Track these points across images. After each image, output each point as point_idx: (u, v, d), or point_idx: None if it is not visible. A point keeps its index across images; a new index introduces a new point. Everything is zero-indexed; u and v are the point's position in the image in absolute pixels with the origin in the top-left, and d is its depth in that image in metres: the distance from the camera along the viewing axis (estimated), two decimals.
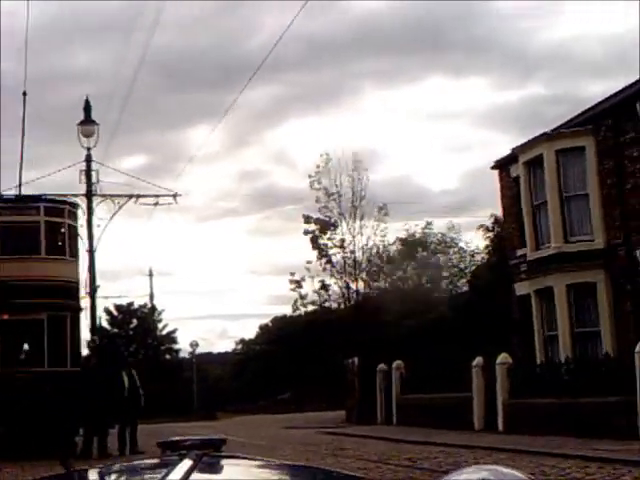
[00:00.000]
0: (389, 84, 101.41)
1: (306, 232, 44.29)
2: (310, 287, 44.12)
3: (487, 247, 48.06)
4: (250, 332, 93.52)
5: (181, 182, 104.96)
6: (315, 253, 44.02)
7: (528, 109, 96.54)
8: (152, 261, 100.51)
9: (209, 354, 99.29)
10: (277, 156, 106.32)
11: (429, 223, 47.22)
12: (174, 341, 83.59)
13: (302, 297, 44.19)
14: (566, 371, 26.77)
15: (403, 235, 47.13)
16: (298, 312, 44.68)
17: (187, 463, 2.61)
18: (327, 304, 44.71)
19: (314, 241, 43.90)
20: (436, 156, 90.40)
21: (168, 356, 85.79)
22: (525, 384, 27.57)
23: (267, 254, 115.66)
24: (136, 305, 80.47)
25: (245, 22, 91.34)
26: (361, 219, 43.52)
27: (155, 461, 3.08)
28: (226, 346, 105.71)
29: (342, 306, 44.18)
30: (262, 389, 79.68)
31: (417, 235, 47.24)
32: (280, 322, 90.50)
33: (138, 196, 38.86)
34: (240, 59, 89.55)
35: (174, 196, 39.05)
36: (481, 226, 47.67)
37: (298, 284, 44.18)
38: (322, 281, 44.01)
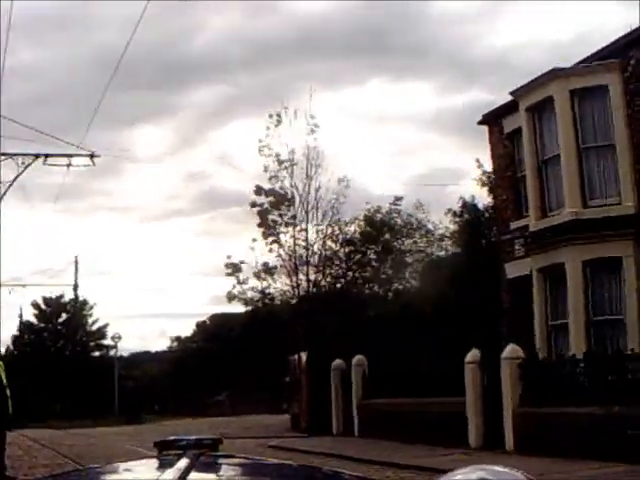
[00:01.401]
0: (332, 86, 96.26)
1: (254, 204, 35.57)
2: (252, 273, 35.38)
3: (454, 233, 40.05)
4: (189, 331, 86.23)
5: (125, 182, 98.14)
6: (260, 231, 35.34)
7: (472, 114, 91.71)
8: (80, 251, 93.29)
9: (147, 353, 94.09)
10: (222, 157, 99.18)
11: (398, 199, 38.72)
12: (104, 337, 74.55)
13: (240, 282, 35.48)
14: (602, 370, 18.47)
15: (366, 214, 38.51)
16: (235, 301, 35.74)
17: (184, 462, 2.55)
18: (271, 292, 35.95)
19: (262, 216, 35.21)
20: (381, 160, 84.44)
21: (97, 353, 76.68)
22: (544, 386, 19.18)
23: (212, 255, 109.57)
24: (67, 298, 71.28)
25: (190, 21, 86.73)
26: (317, 191, 34.98)
27: (152, 461, 2.91)
28: (165, 345, 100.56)
29: (289, 294, 35.50)
30: (198, 389, 71.86)
31: (383, 212, 38.65)
32: (218, 319, 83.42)
33: (47, 155, 30.23)
34: (184, 58, 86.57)
35: (91, 156, 30.44)
36: (449, 210, 39.59)
37: (236, 268, 35.44)
38: (265, 264, 35.34)
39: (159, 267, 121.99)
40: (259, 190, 35.67)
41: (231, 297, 35.97)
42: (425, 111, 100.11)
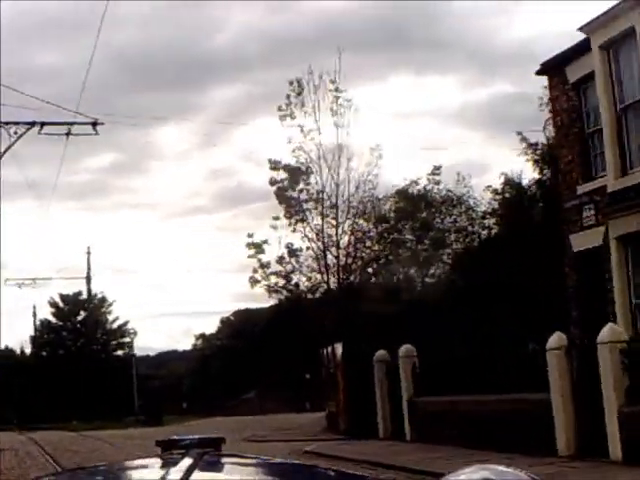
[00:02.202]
0: (353, 82, 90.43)
1: (272, 182, 31.15)
2: (275, 256, 30.96)
3: (497, 210, 35.50)
4: (213, 328, 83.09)
5: (150, 180, 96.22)
6: (282, 209, 30.92)
7: (495, 107, 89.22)
8: (103, 249, 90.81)
9: (174, 352, 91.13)
10: (245, 154, 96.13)
11: (437, 168, 34.07)
12: (124, 335, 70.52)
13: (264, 266, 31.02)
14: None
15: (401, 187, 33.89)
16: (259, 287, 31.23)
17: (187, 462, 2.49)
18: (296, 276, 31.49)
19: (281, 193, 30.82)
20: (404, 155, 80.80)
21: (120, 352, 72.60)
22: None
23: (235, 252, 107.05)
24: (85, 295, 67.07)
25: (210, 20, 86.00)
26: (349, 161, 30.54)
27: (155, 460, 2.78)
28: (190, 344, 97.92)
29: (317, 279, 31.07)
30: (225, 387, 67.88)
31: (420, 185, 34.04)
32: (242, 315, 79.83)
33: (43, 124, 25.90)
34: (206, 57, 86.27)
35: (94, 124, 26.11)
36: (489, 187, 35.08)
37: (259, 249, 31.03)
38: (289, 245, 30.96)
39: (183, 264, 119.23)
40: (275, 165, 31.29)
41: (254, 282, 31.54)
42: (448, 105, 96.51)
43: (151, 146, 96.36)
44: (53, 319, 69.85)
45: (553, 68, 23.79)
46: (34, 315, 64.97)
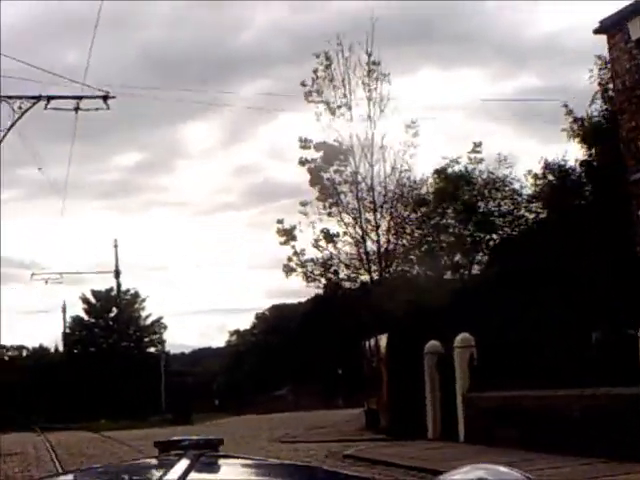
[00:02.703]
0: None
1: (303, 162, 28.30)
2: (310, 241, 28.16)
3: (539, 195, 32.45)
4: (247, 325, 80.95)
5: (178, 178, 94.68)
6: (315, 190, 28.11)
7: (522, 101, 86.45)
8: (119, 233, 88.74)
9: (208, 349, 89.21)
10: (272, 150, 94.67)
11: (477, 145, 31.01)
12: (157, 332, 68.03)
13: (298, 253, 28.25)
14: None
15: (441, 166, 30.79)
16: (294, 275, 28.38)
17: (184, 463, 2.42)
18: (334, 263, 28.58)
19: (315, 174, 27.98)
20: (432, 148, 78.14)
21: (153, 349, 70.09)
22: None
23: (264, 248, 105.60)
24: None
25: (235, 17, 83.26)
26: (383, 138, 27.67)
27: (152, 461, 2.73)
28: (224, 340, 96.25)
29: (357, 265, 28.18)
30: (258, 384, 65.32)
31: (461, 164, 30.91)
32: (277, 310, 77.43)
33: (50, 98, 23.25)
34: (231, 54, 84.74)
35: (105, 98, 23.43)
36: (529, 172, 31.98)
37: (290, 235, 28.25)
38: (325, 230, 28.13)
39: (214, 261, 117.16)
40: (306, 144, 28.44)
41: (289, 270, 28.76)
42: (475, 98, 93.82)
43: (178, 144, 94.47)
44: (85, 316, 67.51)
45: (613, 25, 20.82)
46: (64, 311, 62.66)
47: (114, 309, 66.14)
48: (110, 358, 59.70)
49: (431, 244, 29.73)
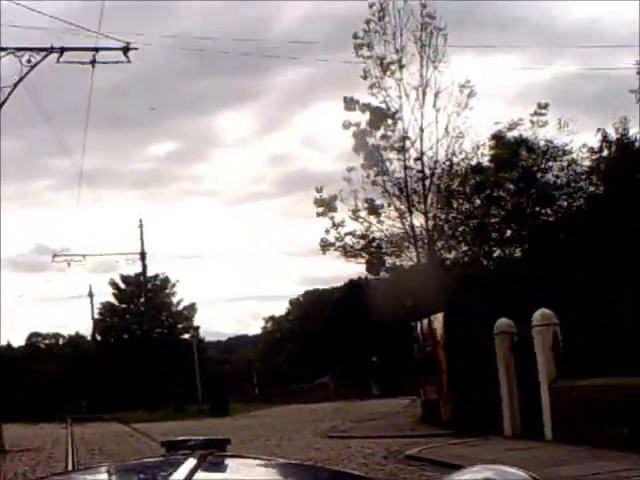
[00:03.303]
0: (416, 62, 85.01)
1: (347, 125, 25.05)
2: (350, 212, 24.89)
3: (597, 168, 28.85)
4: (282, 312, 78.35)
5: (212, 166, 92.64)
6: (360, 157, 24.85)
7: (559, 86, 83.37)
8: (143, 214, 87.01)
9: (244, 336, 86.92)
10: (306, 139, 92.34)
11: (542, 107, 27.30)
12: (190, 318, 65.05)
13: (336, 225, 25.05)
14: None
15: (499, 129, 27.09)
16: (332, 251, 25.07)
17: (191, 463, 2.37)
18: (376, 237, 25.28)
19: (359, 139, 24.70)
20: (469, 136, 75.05)
21: (186, 335, 67.07)
22: None
23: (298, 237, 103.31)
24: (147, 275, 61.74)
25: (270, 3, 76.35)
26: (436, 96, 24.35)
27: (159, 460, 2.70)
28: (260, 328, 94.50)
29: (403, 237, 24.88)
30: (296, 372, 62.43)
31: (520, 130, 27.19)
32: (312, 296, 74.65)
33: (63, 50, 20.22)
34: (265, 41, 78.68)
35: (125, 50, 20.37)
36: (584, 146, 28.35)
37: (329, 206, 25.06)
38: (369, 200, 24.90)
39: (247, 250, 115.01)
40: (351, 105, 25.19)
41: (326, 245, 25.55)
42: (511, 85, 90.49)
43: (213, 133, 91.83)
44: (115, 302, 64.77)
45: None
46: (90, 296, 59.83)
47: (144, 294, 63.43)
48: (144, 345, 57.13)
49: (482, 218, 26.29)
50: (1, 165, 76.43)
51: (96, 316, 64.89)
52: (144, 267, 50.65)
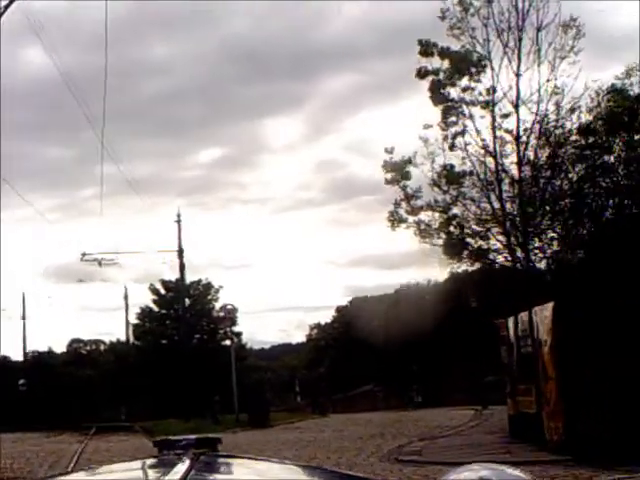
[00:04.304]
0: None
1: (423, 73, 19.78)
2: (428, 181, 19.65)
3: None
4: (329, 319, 74.35)
5: (259, 173, 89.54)
6: (438, 113, 19.58)
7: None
8: (181, 206, 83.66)
9: (288, 345, 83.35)
10: (355, 146, 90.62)
11: None
12: (234, 323, 59.95)
13: (409, 197, 19.71)
14: None
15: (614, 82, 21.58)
16: (402, 229, 19.83)
17: (184, 462, 2.34)
18: (458, 213, 19.94)
19: (438, 90, 19.44)
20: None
21: (228, 342, 61.98)
22: None
23: (345, 245, 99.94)
24: (188, 281, 56.94)
25: (320, 9, 77.42)
26: (538, 30, 18.97)
27: (152, 461, 2.62)
28: (304, 336, 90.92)
29: (484, 214, 19.54)
30: (340, 380, 57.48)
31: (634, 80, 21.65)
32: (360, 303, 69.98)
33: None
34: (315, 47, 79.72)
35: None
36: None
37: (401, 171, 19.76)
38: (449, 167, 19.52)
39: (293, 259, 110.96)
40: (427, 49, 19.96)
41: (396, 220, 20.25)
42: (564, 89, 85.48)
43: (260, 139, 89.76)
44: (155, 307, 60.08)
45: None
46: (125, 297, 55.15)
47: (186, 300, 58.66)
48: (181, 351, 52.44)
49: (592, 186, 20.80)
50: (48, 174, 73.89)
51: (134, 321, 60.52)
52: (182, 265, 45.63)
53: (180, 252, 42.64)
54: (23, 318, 57.22)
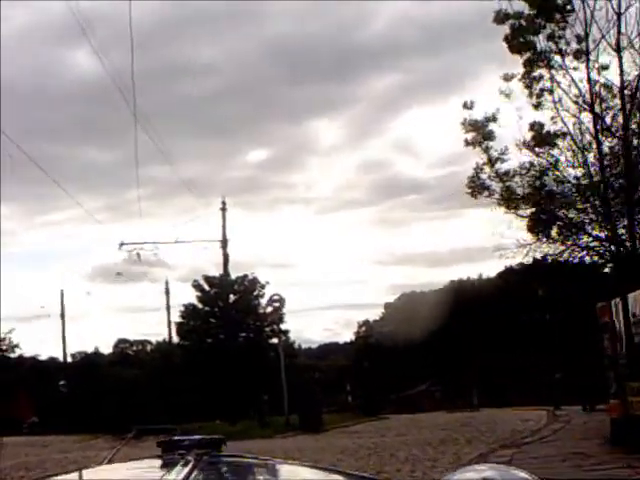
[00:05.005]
0: (515, 68, 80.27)
1: (502, 17, 16.69)
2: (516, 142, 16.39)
3: None
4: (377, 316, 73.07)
5: (304, 174, 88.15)
6: (520, 64, 16.30)
7: None
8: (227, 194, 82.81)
9: (335, 344, 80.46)
10: (399, 145, 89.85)
11: None
12: (280, 321, 56.83)
13: (493, 160, 16.41)
14: None
15: None
16: (483, 197, 16.56)
17: (187, 463, 2.33)
18: (547, 179, 16.57)
19: (517, 36, 16.16)
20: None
21: (275, 340, 58.89)
22: None
23: (390, 244, 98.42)
24: (234, 276, 53.93)
25: (363, 9, 75.25)
26: None
27: (155, 461, 2.62)
28: (351, 336, 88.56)
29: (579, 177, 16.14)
30: (392, 379, 54.27)
31: None
32: (409, 298, 67.24)
33: None
34: (358, 48, 76.35)
35: None
36: None
37: (482, 131, 16.47)
38: (537, 125, 16.15)
39: (339, 258, 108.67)
40: (502, 16, 16.69)
41: (477, 187, 17.03)
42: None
43: (306, 139, 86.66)
44: (199, 304, 57.15)
45: None
46: (167, 292, 52.15)
47: (231, 296, 55.68)
48: (227, 350, 49.61)
49: None
50: (95, 175, 72.47)
51: (178, 319, 57.72)
52: (226, 257, 42.55)
53: (224, 242, 39.60)
54: (62, 317, 54.73)
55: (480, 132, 16.87)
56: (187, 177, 74.02)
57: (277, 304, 39.88)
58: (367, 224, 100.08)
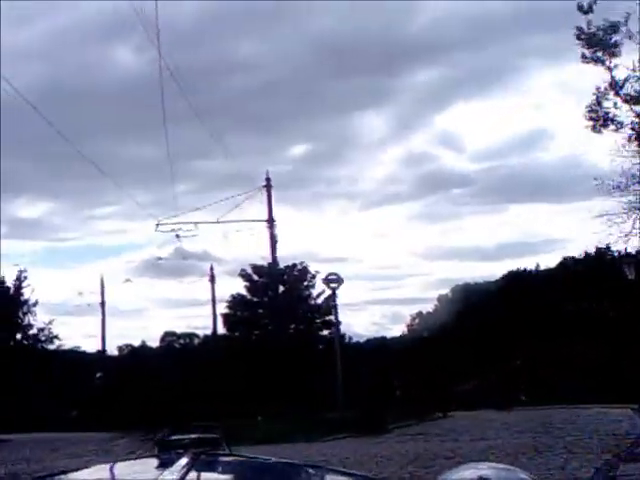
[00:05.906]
0: (557, 61, 79.52)
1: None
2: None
3: None
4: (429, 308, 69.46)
5: (347, 169, 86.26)
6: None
7: None
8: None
9: (383, 339, 77.93)
10: (444, 139, 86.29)
11: None
12: (329, 312, 53.33)
13: (617, 87, 12.64)
14: None
15: None
16: (607, 129, 12.82)
17: (184, 462, 2.30)
18: None
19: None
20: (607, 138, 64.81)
21: (326, 332, 55.41)
22: None
23: (435, 239, 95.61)
24: (282, 265, 50.62)
25: (407, 2, 72.68)
26: None
27: (152, 460, 2.65)
28: (400, 331, 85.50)
29: None
30: (451, 373, 50.68)
31: None
32: (463, 290, 63.80)
33: None
34: (403, 41, 73.98)
35: None
36: None
37: (604, 45, 12.69)
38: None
39: (384, 252, 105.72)
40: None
41: (599, 119, 13.37)
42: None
43: (349, 134, 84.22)
44: (247, 294, 53.93)
45: None
46: (212, 280, 49.12)
47: (280, 286, 52.40)
48: (274, 342, 46.66)
49: None
50: (145, 169, 70.87)
51: (225, 310, 54.77)
52: (273, 237, 39.26)
53: (270, 222, 36.22)
54: (102, 305, 51.99)
55: (601, 46, 13.08)
56: (232, 171, 72.01)
57: (335, 284, 36.02)
58: (411, 218, 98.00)
